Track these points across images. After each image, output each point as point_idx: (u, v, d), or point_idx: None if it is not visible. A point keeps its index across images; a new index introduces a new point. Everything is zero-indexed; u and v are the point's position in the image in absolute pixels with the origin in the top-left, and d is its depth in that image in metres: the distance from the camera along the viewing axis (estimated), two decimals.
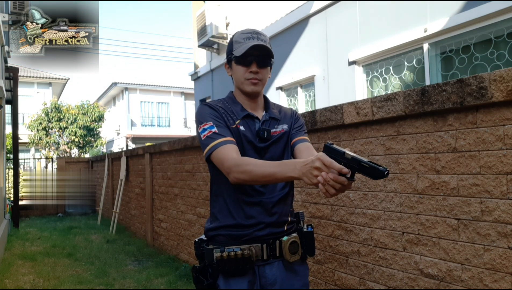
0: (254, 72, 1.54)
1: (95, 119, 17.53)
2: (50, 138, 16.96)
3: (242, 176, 1.37)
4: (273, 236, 1.51)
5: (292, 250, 1.51)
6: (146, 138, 23.31)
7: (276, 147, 1.59)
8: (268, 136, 1.57)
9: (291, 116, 1.71)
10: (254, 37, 1.54)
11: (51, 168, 12.58)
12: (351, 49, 6.09)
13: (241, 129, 1.54)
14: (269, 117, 1.63)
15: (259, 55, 1.54)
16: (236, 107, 1.60)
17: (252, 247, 1.48)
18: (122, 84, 24.82)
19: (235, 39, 1.59)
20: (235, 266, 1.45)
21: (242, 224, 1.50)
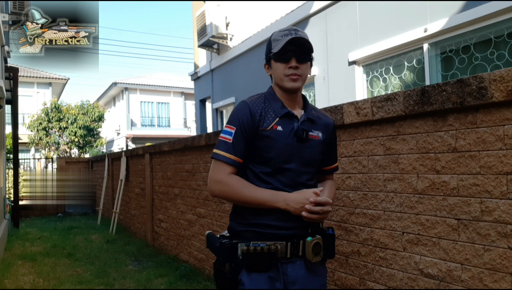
0: (293, 68, 1.52)
1: (95, 119, 17.53)
2: (50, 138, 16.96)
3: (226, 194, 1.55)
4: (298, 237, 1.53)
5: (315, 251, 1.53)
6: (146, 138, 23.31)
7: (311, 151, 1.59)
8: (307, 137, 1.56)
9: (328, 126, 1.70)
10: (292, 33, 1.52)
11: (51, 168, 12.59)
12: (351, 49, 6.09)
13: (278, 130, 1.54)
14: (307, 118, 1.61)
15: (298, 51, 1.52)
16: (276, 104, 1.58)
17: (278, 244, 1.50)
18: (122, 84, 24.83)
19: (274, 37, 1.57)
20: (260, 260, 1.47)
21: (270, 224, 1.52)
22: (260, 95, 1.64)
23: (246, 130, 1.53)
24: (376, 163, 2.29)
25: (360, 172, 2.41)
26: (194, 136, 4.62)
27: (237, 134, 1.53)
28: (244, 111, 1.55)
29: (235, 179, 1.53)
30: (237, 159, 1.53)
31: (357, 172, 2.42)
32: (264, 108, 1.57)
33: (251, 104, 1.57)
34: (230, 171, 1.53)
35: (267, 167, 1.54)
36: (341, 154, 2.55)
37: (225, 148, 1.53)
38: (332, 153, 1.72)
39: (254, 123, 1.54)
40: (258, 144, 1.54)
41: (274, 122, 1.55)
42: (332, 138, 1.70)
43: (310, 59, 1.58)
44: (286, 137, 1.54)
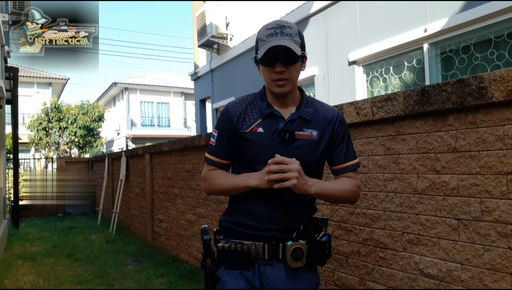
0: (279, 72, 1.44)
1: (95, 119, 17.52)
2: (50, 138, 16.96)
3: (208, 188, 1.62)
4: (278, 239, 1.49)
5: (295, 257, 1.46)
6: (146, 138, 23.31)
7: (300, 152, 1.47)
8: (291, 138, 1.47)
9: (329, 122, 1.54)
10: (277, 33, 1.43)
11: (51, 168, 12.59)
12: (351, 49, 6.09)
13: (258, 132, 1.50)
14: (298, 117, 1.51)
15: (283, 54, 1.41)
16: (262, 104, 1.54)
17: (255, 244, 1.49)
18: (122, 84, 24.83)
19: (259, 36, 1.48)
20: (234, 258, 1.48)
21: (248, 224, 1.51)
22: (250, 95, 1.61)
23: (226, 133, 1.55)
24: (376, 163, 2.29)
25: (360, 172, 2.41)
26: (194, 136, 4.62)
27: (219, 137, 1.58)
28: (223, 115, 1.58)
29: (213, 173, 1.59)
30: (219, 160, 1.58)
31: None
32: (247, 110, 1.54)
33: (231, 107, 1.57)
34: (212, 169, 1.60)
35: (248, 170, 1.52)
36: None
37: (210, 151, 1.61)
38: (342, 150, 1.56)
39: (232, 126, 1.53)
40: (239, 146, 1.54)
41: (255, 124, 1.51)
42: (337, 133, 1.55)
43: (298, 60, 1.46)
44: (268, 139, 1.48)
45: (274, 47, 1.40)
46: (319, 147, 1.51)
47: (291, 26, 1.46)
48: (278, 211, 1.50)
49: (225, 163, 1.59)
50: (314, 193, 1.44)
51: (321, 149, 1.52)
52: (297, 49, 1.42)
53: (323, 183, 1.50)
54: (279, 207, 1.49)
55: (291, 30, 1.45)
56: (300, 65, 1.50)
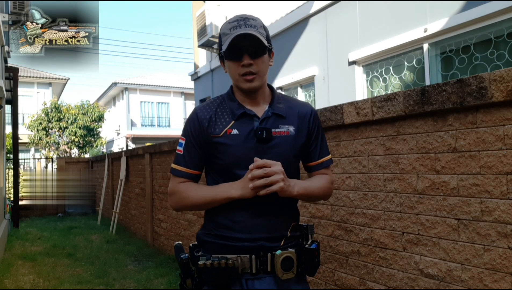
0: (247, 65, 1.35)
1: (95, 119, 17.53)
2: (50, 138, 16.96)
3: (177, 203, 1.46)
4: (265, 249, 1.36)
5: (285, 267, 1.34)
6: (146, 138, 23.31)
7: (279, 150, 1.39)
8: (269, 136, 1.37)
9: (304, 116, 1.47)
10: (241, 25, 1.34)
11: (51, 168, 12.59)
12: (351, 49, 6.09)
13: (233, 134, 1.39)
14: (272, 114, 1.42)
15: (249, 45, 1.33)
16: (233, 105, 1.43)
17: (240, 257, 1.35)
18: (122, 84, 24.84)
19: (222, 31, 1.39)
20: (218, 276, 1.33)
21: (232, 236, 1.37)
22: (217, 97, 1.50)
23: (196, 140, 1.42)
24: (376, 163, 2.29)
25: (360, 172, 2.41)
26: None
27: (187, 145, 1.44)
28: (191, 120, 1.45)
29: (184, 185, 1.44)
30: (188, 170, 1.44)
31: (357, 172, 2.42)
32: (217, 113, 1.43)
33: (199, 111, 1.45)
34: (182, 182, 1.45)
35: (226, 177, 1.40)
36: (341, 154, 2.55)
37: (177, 161, 1.46)
38: (317, 146, 1.49)
39: (203, 131, 1.41)
40: (212, 152, 1.41)
41: (229, 126, 1.40)
42: (312, 128, 1.48)
43: (266, 51, 1.37)
44: (244, 140, 1.37)
45: (239, 37, 1.31)
46: (297, 143, 1.44)
47: (255, 19, 1.39)
48: (262, 219, 1.38)
49: (196, 173, 1.45)
50: (296, 194, 1.36)
51: (299, 145, 1.45)
52: (263, 40, 1.34)
53: (303, 182, 1.43)
54: (262, 213, 1.37)
55: (255, 22, 1.37)
56: (268, 59, 1.42)
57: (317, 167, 1.51)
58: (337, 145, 2.58)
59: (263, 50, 1.37)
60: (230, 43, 1.32)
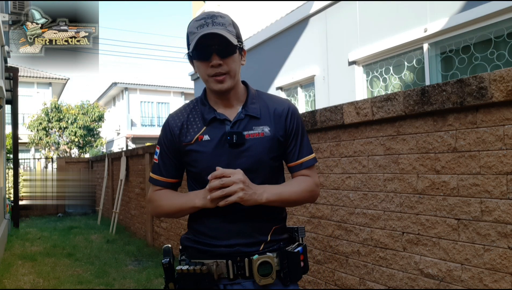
0: (216, 66, 1.29)
1: (95, 119, 17.53)
2: (50, 138, 16.96)
3: (154, 211, 1.46)
4: (242, 254, 1.32)
5: (262, 272, 1.29)
6: (146, 138, 23.32)
7: (253, 153, 1.34)
8: (240, 140, 1.32)
9: (280, 115, 1.40)
10: (208, 23, 1.28)
11: (51, 168, 12.59)
12: (351, 49, 6.09)
13: (204, 140, 1.35)
14: (246, 115, 1.36)
15: (217, 44, 1.27)
16: (204, 109, 1.39)
17: (217, 262, 1.32)
18: (122, 84, 24.83)
19: (189, 29, 1.32)
20: (195, 281, 1.31)
21: (208, 243, 1.35)
22: (190, 102, 1.46)
23: (169, 149, 1.41)
24: (376, 163, 2.29)
25: (360, 172, 2.41)
26: None
27: (161, 153, 1.43)
28: (164, 129, 1.43)
29: (159, 193, 1.44)
30: (163, 179, 1.43)
31: (357, 172, 2.42)
32: (188, 119, 1.40)
33: (171, 119, 1.42)
34: (157, 189, 1.45)
35: (200, 184, 1.36)
36: (341, 154, 2.55)
37: (153, 169, 1.46)
38: (296, 145, 1.41)
39: (175, 140, 1.39)
40: (186, 160, 1.39)
41: (200, 132, 1.36)
42: (290, 127, 1.40)
43: (236, 50, 1.31)
44: (215, 145, 1.34)
45: (206, 37, 1.25)
46: (273, 144, 1.36)
47: (223, 16, 1.32)
48: (236, 225, 1.33)
49: (172, 181, 1.44)
50: (266, 202, 1.29)
51: (276, 146, 1.37)
52: (232, 38, 1.28)
53: (275, 188, 1.35)
54: (237, 220, 1.33)
55: (223, 19, 1.31)
56: (239, 58, 1.36)
57: (296, 168, 1.42)
58: (337, 145, 2.58)
59: (232, 49, 1.30)
60: (196, 42, 1.27)
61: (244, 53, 1.40)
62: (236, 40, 1.31)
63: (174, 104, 26.69)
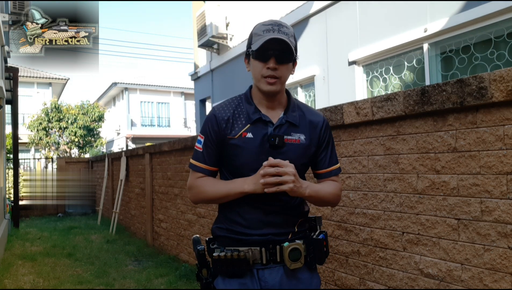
0: (272, 69, 1.41)
1: (95, 119, 17.53)
2: (50, 138, 16.97)
3: (196, 197, 1.56)
4: (274, 242, 1.46)
5: (293, 257, 1.44)
6: (146, 138, 23.31)
7: (288, 157, 1.44)
8: (281, 142, 1.44)
9: (315, 126, 1.54)
10: (274, 29, 1.41)
11: (51, 168, 12.59)
12: (351, 49, 6.09)
13: (247, 137, 1.46)
14: (286, 121, 1.49)
15: (279, 50, 1.40)
16: (249, 108, 1.50)
17: (251, 249, 1.45)
18: (122, 84, 24.83)
19: (255, 31, 1.45)
20: (231, 266, 1.44)
21: (242, 231, 1.47)
22: (235, 98, 1.57)
23: (214, 139, 1.50)
24: (376, 163, 2.30)
25: (360, 172, 2.41)
26: (194, 136, 4.62)
27: (206, 143, 1.52)
28: (211, 120, 1.52)
29: (202, 180, 1.53)
30: (206, 167, 1.52)
31: (357, 172, 2.42)
32: (234, 114, 1.50)
33: (218, 111, 1.52)
34: (200, 177, 1.54)
35: (238, 177, 1.48)
36: (341, 154, 2.55)
37: (196, 157, 1.54)
38: (327, 154, 1.57)
39: (221, 132, 1.49)
40: (227, 152, 1.49)
41: (244, 129, 1.47)
42: (323, 138, 1.56)
43: (292, 60, 1.46)
44: (257, 144, 1.45)
45: (271, 41, 1.38)
46: (307, 152, 1.51)
47: (288, 27, 1.45)
48: (270, 217, 1.47)
49: (214, 170, 1.54)
50: (308, 196, 1.44)
51: (309, 154, 1.52)
52: (292, 49, 1.42)
53: (315, 185, 1.50)
54: (270, 212, 1.47)
55: (288, 30, 1.43)
56: (291, 68, 1.48)
57: (326, 175, 1.58)
58: (337, 145, 2.58)
59: (290, 58, 1.44)
60: (262, 44, 1.39)
61: (295, 64, 1.51)
62: (294, 52, 1.44)
63: (174, 104, 26.69)
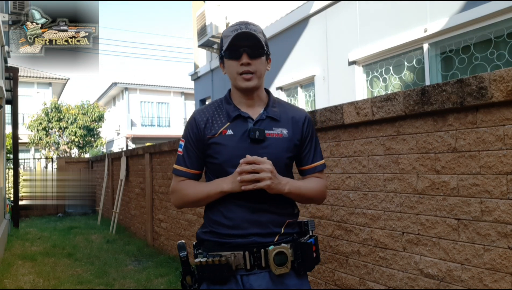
0: (245, 64, 1.42)
1: (95, 119, 17.53)
2: (50, 138, 16.96)
3: (179, 201, 1.54)
4: (258, 245, 1.40)
5: (278, 262, 1.37)
6: (146, 138, 23.31)
7: (271, 150, 1.44)
8: (261, 136, 1.43)
9: (297, 121, 1.53)
10: (242, 28, 1.42)
11: (51, 168, 12.59)
12: (351, 49, 6.09)
13: (228, 134, 1.45)
14: (267, 117, 1.49)
15: (249, 46, 1.42)
16: (229, 107, 1.50)
17: (234, 254, 1.40)
18: (122, 84, 24.83)
19: (224, 34, 1.47)
20: (213, 272, 1.39)
21: (226, 233, 1.43)
22: (216, 100, 1.57)
23: (194, 141, 1.50)
24: (376, 163, 2.30)
25: (360, 172, 2.41)
26: None
27: (186, 146, 1.52)
28: (190, 123, 1.54)
29: (183, 183, 1.52)
30: (187, 170, 1.52)
31: (357, 172, 2.42)
32: (214, 115, 1.51)
33: (197, 113, 1.53)
34: (181, 180, 1.53)
35: (220, 175, 1.46)
36: (341, 154, 2.55)
37: (177, 161, 1.55)
38: (311, 150, 1.55)
39: (200, 133, 1.49)
40: (209, 152, 1.49)
41: (224, 127, 1.47)
42: (306, 133, 1.54)
43: (264, 54, 1.45)
44: (237, 140, 1.44)
45: (240, 37, 1.40)
46: (290, 145, 1.49)
47: (255, 25, 1.47)
48: (255, 215, 1.42)
49: (195, 173, 1.53)
50: (288, 192, 1.41)
51: (292, 147, 1.50)
52: (262, 42, 1.43)
53: (296, 182, 1.48)
54: (255, 210, 1.42)
55: (255, 27, 1.46)
56: (266, 62, 1.49)
57: (310, 171, 1.56)
58: (337, 145, 2.58)
59: (261, 52, 1.44)
60: (230, 42, 1.41)
61: (269, 61, 1.53)
62: (265, 46, 1.46)
63: (174, 104, 26.69)
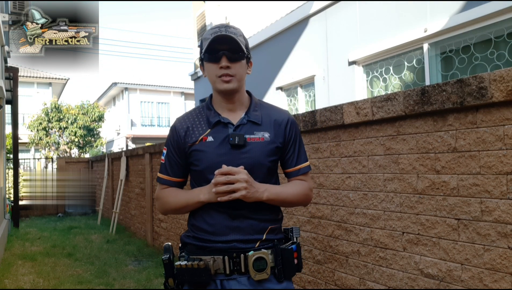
0: (224, 67, 1.40)
1: (95, 119, 17.53)
2: (50, 138, 16.96)
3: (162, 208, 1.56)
4: (238, 250, 1.39)
5: (257, 267, 1.37)
6: (146, 138, 23.30)
7: (253, 155, 1.43)
8: (241, 141, 1.41)
9: (280, 124, 1.50)
10: (222, 30, 1.40)
11: (51, 168, 12.58)
12: (351, 49, 6.09)
13: (208, 141, 1.44)
14: (248, 121, 1.47)
15: (229, 49, 1.40)
16: (209, 113, 1.49)
17: (214, 258, 1.39)
18: (122, 84, 24.82)
19: (204, 36, 1.45)
20: (192, 276, 1.39)
21: (206, 238, 1.43)
22: (197, 107, 1.57)
23: (175, 149, 1.51)
24: (376, 163, 2.29)
25: (360, 172, 2.41)
26: None
27: (168, 154, 1.53)
28: (171, 131, 1.54)
29: (165, 191, 1.53)
30: (169, 178, 1.53)
31: (357, 172, 2.42)
32: (195, 121, 1.50)
33: (178, 122, 1.54)
34: (164, 188, 1.55)
35: (202, 182, 1.46)
36: (341, 154, 2.55)
37: (160, 169, 1.56)
38: (294, 153, 1.53)
39: (180, 141, 1.49)
40: (190, 160, 1.48)
41: (205, 134, 1.46)
42: (289, 136, 1.51)
43: (244, 57, 1.44)
44: (217, 146, 1.43)
45: (219, 40, 1.38)
46: (272, 149, 1.47)
47: (235, 28, 1.46)
48: (236, 222, 1.41)
49: (177, 181, 1.54)
50: (266, 199, 1.40)
51: (274, 151, 1.48)
52: (241, 45, 1.41)
53: (275, 187, 1.46)
54: (236, 217, 1.42)
55: (235, 30, 1.44)
56: (246, 66, 1.47)
57: (294, 174, 1.55)
58: (337, 145, 2.58)
59: (241, 55, 1.43)
60: (209, 44, 1.39)
61: (250, 64, 1.52)
62: (245, 49, 1.44)
63: (174, 104, 26.69)
